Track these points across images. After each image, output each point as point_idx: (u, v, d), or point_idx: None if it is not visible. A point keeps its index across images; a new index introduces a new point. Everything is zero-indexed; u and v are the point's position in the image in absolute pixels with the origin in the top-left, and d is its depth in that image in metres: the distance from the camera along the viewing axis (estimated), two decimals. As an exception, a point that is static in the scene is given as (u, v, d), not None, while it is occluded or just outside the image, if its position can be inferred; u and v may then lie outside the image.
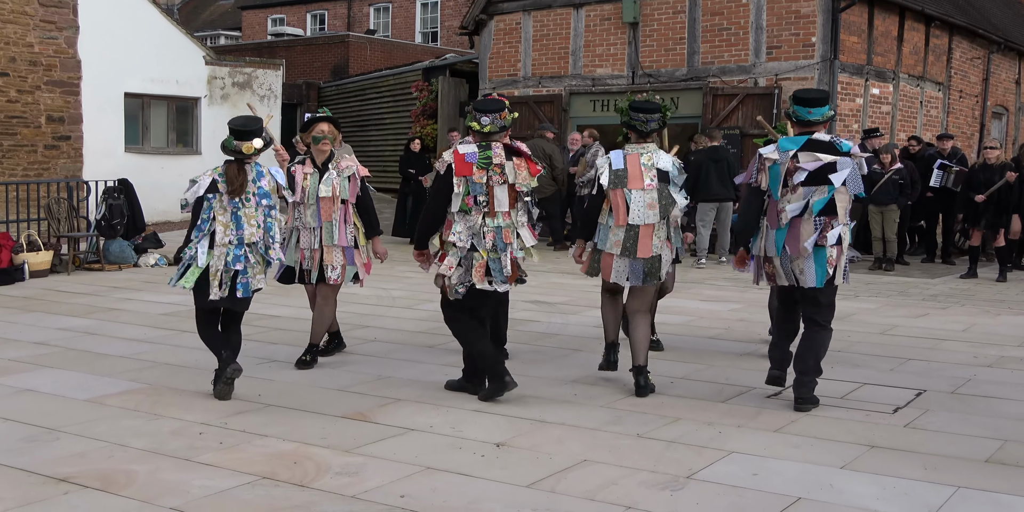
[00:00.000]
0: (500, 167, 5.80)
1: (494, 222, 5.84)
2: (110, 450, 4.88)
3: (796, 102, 5.74)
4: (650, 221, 5.94)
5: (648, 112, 6.07)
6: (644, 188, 5.94)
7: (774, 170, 5.68)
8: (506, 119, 5.85)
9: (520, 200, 5.94)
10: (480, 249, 5.83)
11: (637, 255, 5.96)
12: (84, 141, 15.01)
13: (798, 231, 5.60)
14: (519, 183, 5.85)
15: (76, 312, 9.08)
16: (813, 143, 5.62)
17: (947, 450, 4.95)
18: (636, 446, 4.98)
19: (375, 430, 5.25)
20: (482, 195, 5.79)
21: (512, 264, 5.91)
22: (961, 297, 10.56)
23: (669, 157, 6.10)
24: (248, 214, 5.83)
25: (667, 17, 15.75)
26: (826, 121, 5.72)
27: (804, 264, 5.60)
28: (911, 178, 12.98)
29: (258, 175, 5.88)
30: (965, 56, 18.38)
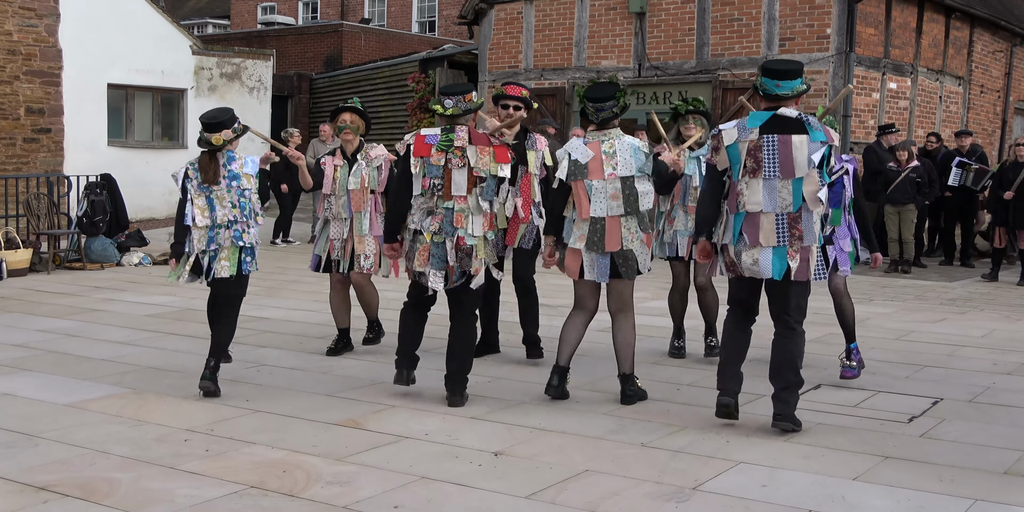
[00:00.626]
0: (461, 150, 5.86)
1: (448, 204, 5.89)
2: (92, 457, 4.90)
3: (764, 73, 5.40)
4: (615, 213, 5.81)
5: (599, 100, 5.86)
6: (605, 178, 5.80)
7: (732, 149, 5.37)
8: (471, 102, 5.95)
9: (479, 186, 5.89)
10: (425, 232, 5.90)
11: (605, 249, 5.83)
12: (65, 134, 15.05)
13: (758, 219, 5.32)
14: (478, 168, 5.85)
15: (56, 313, 9.10)
16: (778, 120, 5.30)
17: (964, 461, 4.96)
18: (640, 456, 5.00)
19: (368, 437, 5.27)
20: (438, 178, 5.88)
21: (461, 252, 5.86)
22: (980, 301, 10.58)
23: (637, 143, 5.89)
24: (220, 196, 6.24)
25: (675, 7, 15.77)
26: (796, 96, 5.36)
27: (759, 253, 5.31)
28: (929, 177, 13.00)
29: (229, 160, 6.29)
30: (987, 49, 18.40)
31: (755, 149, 5.30)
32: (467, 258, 5.89)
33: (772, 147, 5.27)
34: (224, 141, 6.18)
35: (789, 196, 5.25)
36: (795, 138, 5.24)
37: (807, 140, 5.23)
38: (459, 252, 5.88)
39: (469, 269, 5.92)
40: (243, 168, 6.33)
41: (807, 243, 5.28)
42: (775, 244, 5.27)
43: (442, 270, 5.92)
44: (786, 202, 5.26)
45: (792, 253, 5.28)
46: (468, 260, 5.89)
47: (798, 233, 5.26)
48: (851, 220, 6.60)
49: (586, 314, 6.10)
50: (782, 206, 5.26)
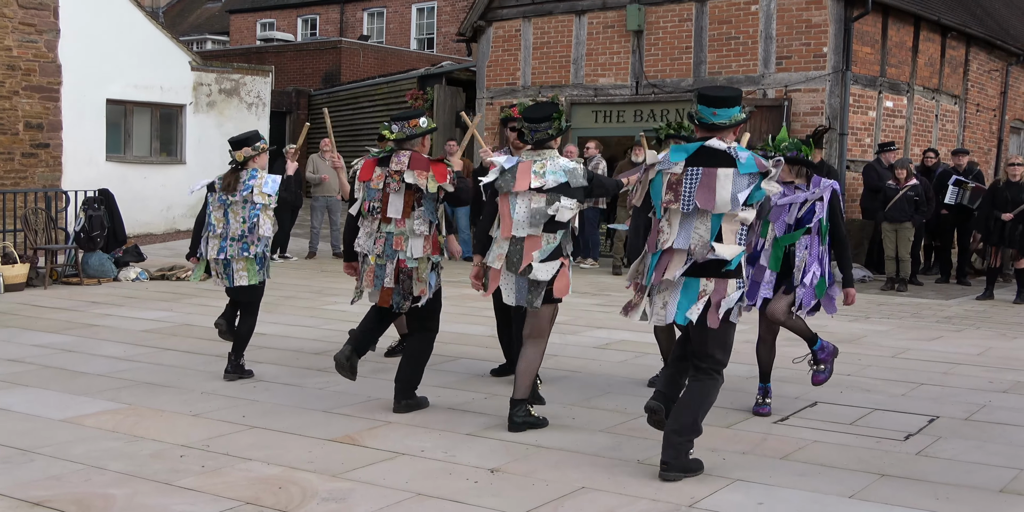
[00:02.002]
0: (399, 174, 6.00)
1: (388, 228, 6.04)
2: (87, 473, 4.89)
3: (700, 100, 5.03)
4: (534, 232, 5.71)
5: (534, 121, 5.82)
6: (530, 196, 5.72)
7: (656, 182, 5.04)
8: (416, 127, 6.09)
9: (418, 209, 6.01)
10: (371, 254, 6.10)
11: (519, 270, 5.73)
12: (63, 149, 15.07)
13: (670, 258, 4.98)
14: (419, 182, 5.96)
15: (53, 328, 9.09)
16: (705, 151, 4.92)
17: (960, 479, 4.96)
18: (636, 473, 4.99)
19: (364, 454, 5.27)
20: (376, 201, 6.06)
21: (403, 274, 6.00)
22: (976, 319, 10.59)
23: (570, 165, 5.76)
24: (235, 210, 6.91)
25: (673, 25, 15.85)
26: (734, 126, 5.01)
27: (669, 296, 4.97)
28: (926, 195, 13.03)
29: (250, 177, 6.93)
30: (982, 68, 18.48)
31: (676, 182, 4.95)
32: (408, 280, 6.05)
33: (694, 180, 4.91)
34: (245, 158, 6.93)
35: (707, 234, 4.88)
36: (720, 171, 4.86)
37: (734, 174, 4.85)
38: (401, 274, 6.03)
39: (411, 290, 6.06)
40: (261, 187, 6.91)
41: (717, 283, 4.88)
42: (673, 276, 4.90)
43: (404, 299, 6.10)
44: (703, 239, 4.88)
45: (703, 291, 4.88)
46: (410, 282, 6.05)
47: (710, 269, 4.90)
48: (822, 251, 6.09)
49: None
50: (697, 243, 4.89)
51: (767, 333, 6.32)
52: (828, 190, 6.07)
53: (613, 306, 10.58)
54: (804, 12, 14.74)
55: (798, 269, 6.05)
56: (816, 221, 6.02)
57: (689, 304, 4.91)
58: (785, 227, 6.06)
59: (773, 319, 6.17)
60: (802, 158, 6.05)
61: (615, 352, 8.21)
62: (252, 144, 6.97)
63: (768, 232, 6.05)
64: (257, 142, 7.01)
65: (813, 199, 6.04)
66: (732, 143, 5.03)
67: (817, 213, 6.03)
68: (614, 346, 8.49)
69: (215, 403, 6.33)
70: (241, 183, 6.91)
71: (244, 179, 6.92)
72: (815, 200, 6.04)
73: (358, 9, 32.33)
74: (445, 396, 6.58)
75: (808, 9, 14.71)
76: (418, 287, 6.05)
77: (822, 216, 6.04)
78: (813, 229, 6.03)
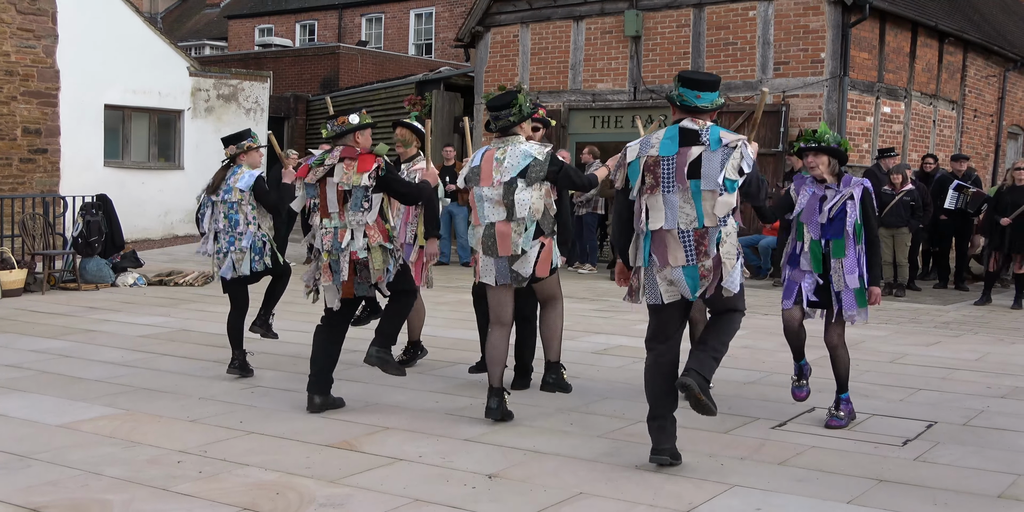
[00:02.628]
0: (329, 168, 6.15)
1: (330, 223, 6.17)
2: (84, 478, 4.88)
3: (683, 84, 5.08)
4: (499, 218, 5.93)
5: (496, 109, 6.03)
6: (492, 185, 5.95)
7: (633, 166, 5.16)
8: (345, 124, 6.22)
9: (348, 201, 6.10)
10: (323, 251, 6.22)
11: (499, 254, 5.96)
12: (61, 154, 15.08)
13: (664, 236, 5.07)
14: (342, 182, 6.08)
15: (50, 333, 9.08)
16: (680, 131, 5.06)
17: (958, 485, 4.96)
18: (634, 478, 4.99)
19: (362, 459, 5.26)
20: (315, 197, 6.24)
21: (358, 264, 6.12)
22: (974, 324, 10.60)
23: (531, 149, 5.92)
24: (217, 207, 7.21)
25: (671, 31, 15.87)
26: (715, 109, 5.10)
27: (672, 274, 5.06)
28: (923, 200, 13.04)
29: (231, 173, 7.20)
30: (980, 74, 18.51)
31: (653, 164, 5.08)
32: (365, 270, 6.18)
33: (671, 160, 5.03)
34: (231, 155, 7.23)
35: (693, 212, 5.00)
36: (693, 149, 5.00)
37: (705, 150, 4.98)
38: (357, 265, 6.16)
39: (368, 279, 6.20)
40: (236, 183, 7.15)
41: (713, 256, 5.00)
42: (684, 263, 5.02)
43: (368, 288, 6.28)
44: (689, 217, 5.00)
45: (704, 273, 5.02)
46: (367, 272, 6.18)
47: (704, 249, 5.00)
48: (860, 251, 5.98)
49: (504, 329, 6.10)
50: (685, 222, 5.01)
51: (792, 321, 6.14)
52: (859, 188, 5.97)
53: (611, 311, 10.58)
54: (802, 18, 14.77)
55: (835, 271, 5.97)
56: (851, 223, 5.92)
57: (694, 280, 5.04)
58: (819, 228, 5.99)
59: (830, 346, 6.11)
60: (834, 148, 5.97)
61: (613, 357, 8.21)
62: (237, 142, 7.26)
63: (804, 234, 6.04)
64: (242, 140, 7.27)
65: (844, 198, 5.93)
66: (707, 124, 5.09)
67: (850, 213, 5.93)
68: (612, 351, 8.49)
69: (212, 408, 6.33)
70: (224, 182, 7.18)
71: (226, 177, 7.19)
72: (846, 198, 5.94)
73: (356, 15, 32.36)
74: (443, 401, 6.58)
75: (805, 15, 14.73)
76: (375, 275, 6.18)
77: (855, 217, 5.94)
78: (849, 231, 5.94)
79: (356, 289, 6.25)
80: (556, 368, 6.21)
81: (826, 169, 6.00)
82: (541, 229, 5.98)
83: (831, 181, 6.01)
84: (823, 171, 5.99)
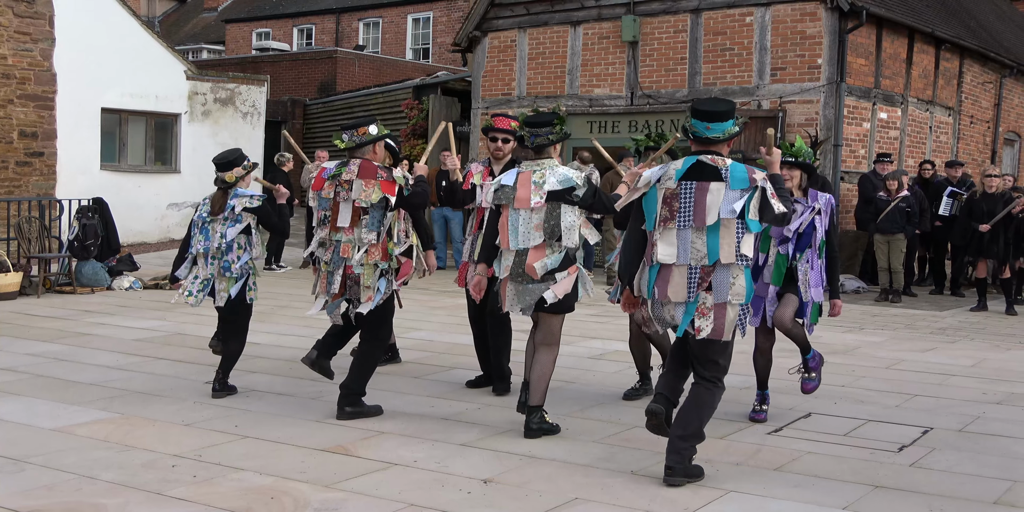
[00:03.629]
0: (348, 184, 6.08)
1: (337, 236, 6.17)
2: (78, 482, 4.87)
3: (693, 115, 5.05)
4: (536, 243, 5.71)
5: (536, 126, 5.89)
6: (532, 208, 5.71)
7: (650, 196, 5.09)
8: (365, 135, 6.15)
9: (363, 218, 6.10)
10: (321, 262, 6.24)
11: (527, 279, 5.74)
12: (58, 158, 15.05)
13: (670, 272, 5.01)
14: (360, 200, 6.05)
15: (46, 337, 9.06)
16: (699, 166, 4.97)
17: (954, 491, 4.96)
18: (630, 484, 4.98)
19: (357, 464, 5.25)
20: (327, 210, 6.20)
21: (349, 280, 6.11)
22: (970, 330, 10.60)
23: (571, 172, 5.77)
24: (215, 228, 6.76)
25: (668, 36, 15.89)
26: (728, 139, 5.04)
27: (675, 310, 5.01)
28: (920, 206, 13.06)
29: (234, 196, 6.78)
30: (976, 80, 18.55)
31: (671, 197, 5.00)
32: (356, 286, 6.15)
33: (689, 194, 4.96)
34: (236, 178, 6.79)
35: (703, 248, 4.92)
36: (712, 185, 4.92)
37: (725, 188, 4.89)
38: (348, 280, 6.15)
39: (359, 297, 6.17)
40: (244, 204, 6.75)
41: (719, 300, 4.92)
42: (684, 299, 4.95)
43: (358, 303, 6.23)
44: (700, 253, 4.92)
45: (704, 311, 4.94)
46: (357, 288, 6.15)
47: (707, 285, 4.93)
48: (821, 265, 6.16)
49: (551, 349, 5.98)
50: (696, 258, 4.93)
51: (765, 343, 6.37)
52: (827, 205, 6.14)
53: (608, 317, 10.58)
54: (799, 24, 14.78)
55: (803, 283, 6.12)
56: (818, 237, 6.09)
57: (690, 319, 4.96)
58: (785, 241, 6.10)
59: (781, 327, 6.21)
60: (808, 164, 6.14)
61: (609, 363, 8.20)
62: (241, 163, 6.82)
63: (770, 248, 6.09)
64: (245, 161, 6.88)
65: (813, 213, 6.10)
66: (726, 158, 5.03)
67: (818, 228, 6.10)
68: (608, 357, 8.48)
69: (208, 412, 6.32)
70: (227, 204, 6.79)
71: (229, 199, 6.78)
72: (813, 214, 6.10)
73: (353, 19, 32.38)
74: (439, 406, 6.57)
75: (803, 21, 14.75)
76: (365, 293, 6.15)
77: (822, 232, 6.11)
78: (814, 245, 6.10)
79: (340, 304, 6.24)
80: (538, 412, 5.81)
81: (797, 183, 6.13)
82: (570, 257, 5.78)
83: (798, 195, 6.14)
84: (794, 185, 6.12)
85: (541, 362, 5.87)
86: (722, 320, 4.94)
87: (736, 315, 4.98)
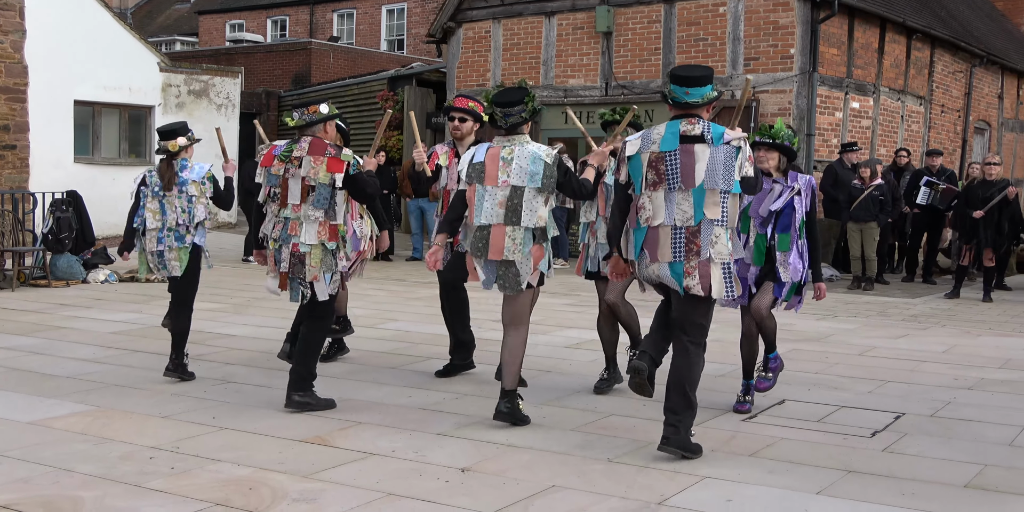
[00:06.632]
0: (298, 160, 6.07)
1: (285, 213, 6.14)
2: (55, 475, 4.85)
3: (672, 80, 5.17)
4: (498, 220, 5.65)
5: (506, 105, 5.77)
6: (498, 185, 5.67)
7: (635, 161, 5.22)
8: (315, 113, 6.15)
9: (311, 195, 6.06)
10: (269, 239, 6.22)
11: (488, 257, 5.70)
12: (31, 151, 14.93)
13: (657, 233, 5.14)
14: (308, 177, 6.04)
15: (21, 330, 9.00)
16: (680, 129, 5.14)
17: (926, 475, 5.01)
18: (606, 471, 5.01)
19: (335, 454, 5.25)
20: (276, 186, 6.17)
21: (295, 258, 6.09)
22: (942, 317, 10.70)
23: (540, 152, 5.68)
24: (171, 202, 6.89)
25: (642, 27, 15.91)
26: (707, 103, 5.17)
27: (660, 270, 5.14)
28: (893, 195, 13.15)
29: (181, 167, 6.94)
30: (947, 70, 18.67)
31: (656, 161, 5.13)
32: (300, 265, 6.11)
33: (675, 158, 5.09)
34: (180, 147, 6.92)
35: (690, 209, 5.06)
36: (697, 147, 5.07)
37: (709, 148, 5.06)
38: (293, 258, 6.12)
39: (302, 275, 6.12)
40: (191, 175, 6.92)
41: (702, 258, 5.06)
42: (671, 259, 5.09)
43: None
44: (686, 215, 5.07)
45: (689, 270, 5.08)
46: (301, 267, 6.11)
47: (696, 248, 5.06)
48: (803, 246, 6.18)
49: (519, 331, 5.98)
50: (682, 219, 5.07)
51: (750, 329, 6.33)
52: (807, 185, 6.15)
53: (583, 306, 10.60)
54: (771, 14, 14.84)
55: (781, 264, 6.12)
56: (799, 218, 6.10)
57: (679, 277, 5.10)
58: (765, 221, 6.12)
59: (757, 314, 6.22)
60: (787, 146, 6.14)
61: (586, 352, 8.23)
62: (184, 134, 6.96)
63: (750, 227, 6.11)
64: (189, 132, 7.02)
65: (792, 193, 6.10)
66: (704, 121, 5.16)
67: (797, 209, 6.11)
68: (585, 345, 8.51)
69: (185, 404, 6.30)
70: (176, 177, 6.91)
71: (176, 171, 6.91)
72: (793, 194, 6.10)
73: (328, 10, 32.22)
74: (416, 396, 6.58)
75: (775, 11, 14.81)
76: (310, 273, 6.10)
77: (802, 213, 6.12)
78: (794, 225, 6.11)
79: (290, 284, 6.17)
80: (512, 397, 5.75)
81: (775, 164, 6.16)
82: (536, 238, 5.74)
83: (777, 176, 6.16)
84: (772, 166, 6.15)
85: (511, 345, 5.82)
86: (707, 278, 5.07)
87: (721, 274, 5.11)
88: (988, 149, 20.93)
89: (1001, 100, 21.39)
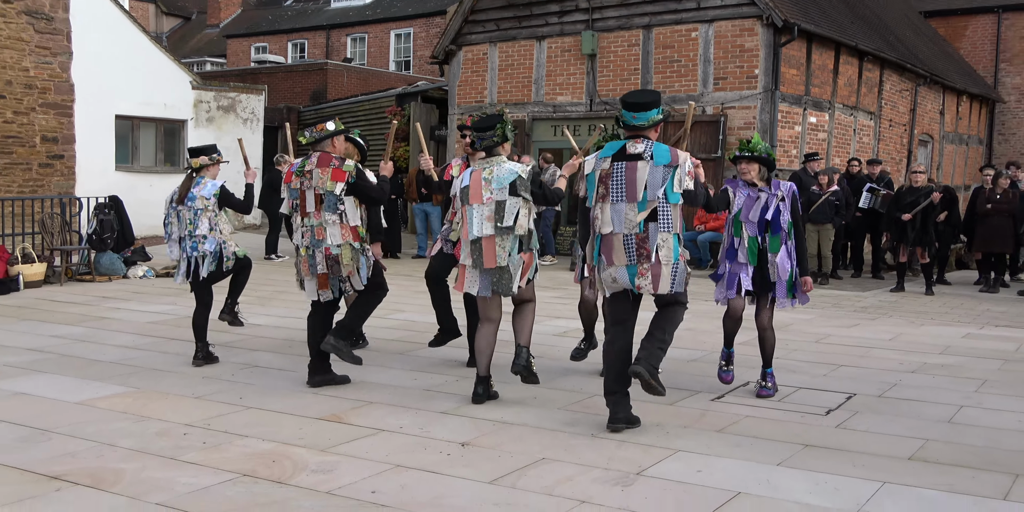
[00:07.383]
0: (309, 173, 6.15)
1: (308, 221, 6.18)
2: (99, 449, 4.86)
3: (623, 106, 5.30)
4: (488, 233, 5.72)
5: (481, 130, 5.87)
6: (483, 202, 5.74)
7: (590, 178, 5.37)
8: (323, 131, 6.21)
9: (324, 202, 6.10)
10: (301, 247, 6.24)
11: (484, 266, 5.77)
12: (77, 160, 14.88)
13: (611, 239, 5.26)
14: (317, 187, 6.11)
15: (68, 320, 9.00)
16: (625, 149, 5.26)
17: (874, 449, 5.04)
18: (590, 445, 5.03)
19: (349, 431, 5.27)
20: (296, 199, 6.25)
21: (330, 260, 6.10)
22: (889, 309, 10.72)
23: (516, 167, 5.77)
24: (184, 215, 6.95)
25: (623, 50, 15.91)
26: (653, 125, 5.27)
27: (616, 272, 5.25)
28: (847, 200, 13.18)
29: (195, 183, 6.95)
30: (895, 88, 18.69)
31: (605, 177, 5.27)
32: (336, 265, 6.16)
33: (620, 174, 5.22)
34: (200, 165, 6.97)
35: (636, 218, 5.18)
36: (639, 164, 5.18)
37: (650, 167, 5.16)
38: (328, 260, 6.15)
39: (340, 274, 6.17)
40: (201, 191, 6.90)
41: (653, 261, 5.17)
42: (626, 263, 5.21)
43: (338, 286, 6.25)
44: (632, 223, 5.18)
45: (642, 271, 5.20)
46: (338, 266, 6.16)
47: (646, 252, 5.17)
48: (791, 246, 6.12)
49: (492, 325, 5.97)
50: (628, 227, 5.19)
51: (736, 310, 6.25)
52: (789, 191, 6.15)
53: (570, 299, 10.61)
54: (738, 38, 14.84)
55: (772, 264, 6.10)
56: (785, 221, 6.10)
57: (633, 277, 5.22)
58: (756, 226, 6.11)
59: (759, 326, 6.23)
60: (765, 157, 6.15)
61: (571, 339, 8.23)
62: (209, 154, 7.03)
63: (742, 231, 6.14)
64: (214, 153, 7.06)
65: (777, 200, 6.09)
66: (650, 141, 5.26)
67: (783, 213, 6.10)
68: (571, 334, 8.52)
69: (215, 387, 6.31)
70: (189, 192, 6.92)
71: (191, 186, 6.94)
72: (778, 201, 6.10)
73: (342, 34, 32.17)
74: (421, 379, 6.59)
75: (742, 35, 14.81)
76: (345, 269, 6.15)
77: (788, 216, 6.11)
78: (783, 227, 6.11)
79: (330, 282, 6.21)
80: (526, 353, 5.89)
81: (756, 175, 6.17)
82: (523, 245, 5.79)
83: (761, 185, 6.15)
84: (753, 177, 6.16)
85: (522, 312, 5.97)
86: (657, 278, 5.20)
87: (670, 273, 5.21)
88: (931, 159, 20.96)
89: (942, 116, 21.41)
